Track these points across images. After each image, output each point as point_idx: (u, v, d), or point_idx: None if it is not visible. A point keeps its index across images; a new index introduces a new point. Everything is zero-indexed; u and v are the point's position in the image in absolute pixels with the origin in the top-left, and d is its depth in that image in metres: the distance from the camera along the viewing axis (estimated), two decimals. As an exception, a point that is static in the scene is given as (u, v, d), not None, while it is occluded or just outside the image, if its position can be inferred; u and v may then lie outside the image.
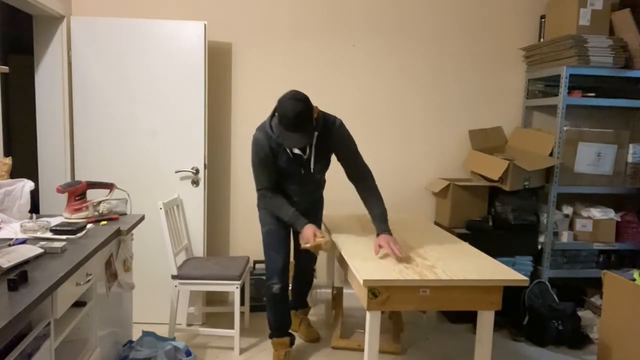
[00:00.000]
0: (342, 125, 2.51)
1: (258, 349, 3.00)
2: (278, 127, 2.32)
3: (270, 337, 2.80)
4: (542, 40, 3.59)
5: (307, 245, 2.44)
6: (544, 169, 3.33)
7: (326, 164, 2.64)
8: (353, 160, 2.54)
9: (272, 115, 2.44)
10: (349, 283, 2.48)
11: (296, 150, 2.48)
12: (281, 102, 2.30)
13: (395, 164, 3.69)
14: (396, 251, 2.27)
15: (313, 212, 2.74)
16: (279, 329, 2.77)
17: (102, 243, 2.01)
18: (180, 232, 3.18)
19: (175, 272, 2.90)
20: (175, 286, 2.91)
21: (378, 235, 2.43)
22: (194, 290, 3.12)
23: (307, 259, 2.94)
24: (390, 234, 2.41)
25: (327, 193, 2.95)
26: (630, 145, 3.42)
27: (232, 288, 2.88)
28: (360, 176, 2.55)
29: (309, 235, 2.43)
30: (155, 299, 3.24)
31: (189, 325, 3.29)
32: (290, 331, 2.83)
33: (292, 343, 2.82)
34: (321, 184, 2.81)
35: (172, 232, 2.97)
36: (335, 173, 2.68)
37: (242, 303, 3.22)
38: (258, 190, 2.58)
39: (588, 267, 3.46)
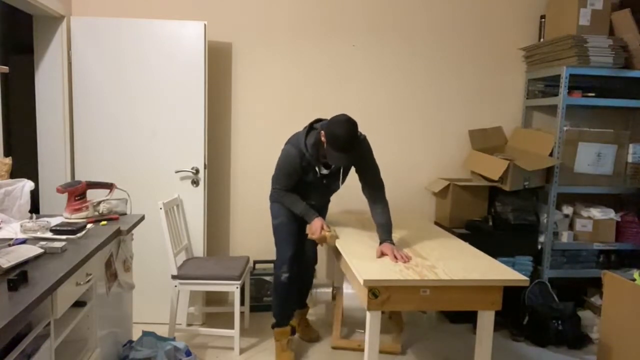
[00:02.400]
0: (365, 140, 2.59)
1: (258, 349, 3.00)
2: (325, 147, 2.41)
3: (273, 327, 2.85)
4: (542, 40, 3.58)
5: (314, 237, 2.60)
6: (544, 169, 3.33)
7: (346, 176, 2.77)
8: (371, 174, 2.61)
9: (308, 133, 2.56)
10: (349, 283, 2.47)
11: (324, 171, 2.63)
12: (334, 123, 2.35)
13: (395, 164, 3.69)
14: (400, 260, 2.27)
15: (322, 209, 2.95)
16: (283, 317, 2.83)
17: (102, 243, 2.01)
18: (180, 232, 3.18)
19: (175, 272, 2.90)
20: (175, 286, 2.91)
21: (381, 243, 2.43)
22: (194, 290, 3.12)
23: (308, 257, 3.02)
24: (393, 244, 2.41)
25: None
26: (630, 145, 3.42)
27: (232, 288, 2.89)
28: (374, 189, 2.61)
29: (317, 227, 2.60)
30: (155, 299, 3.24)
31: (189, 325, 3.29)
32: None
33: (292, 332, 2.92)
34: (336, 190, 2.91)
35: (172, 232, 2.97)
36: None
37: (242, 303, 3.22)
38: (275, 188, 2.72)
39: (588, 267, 3.46)
